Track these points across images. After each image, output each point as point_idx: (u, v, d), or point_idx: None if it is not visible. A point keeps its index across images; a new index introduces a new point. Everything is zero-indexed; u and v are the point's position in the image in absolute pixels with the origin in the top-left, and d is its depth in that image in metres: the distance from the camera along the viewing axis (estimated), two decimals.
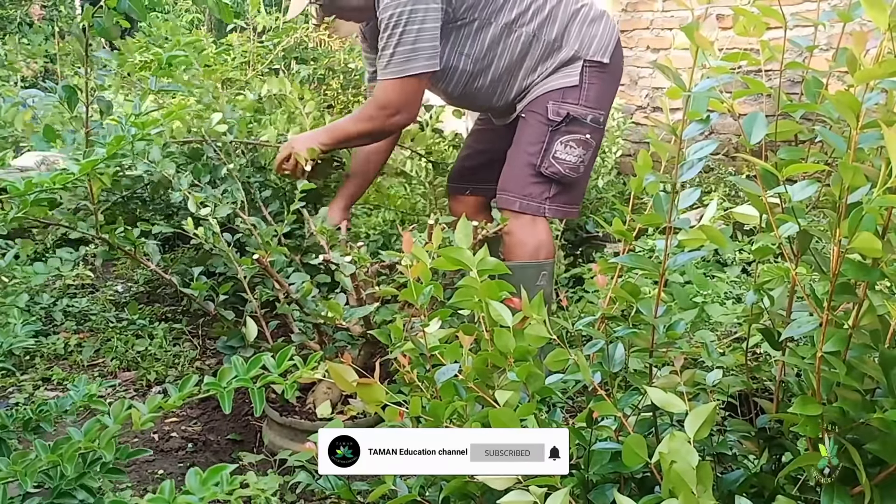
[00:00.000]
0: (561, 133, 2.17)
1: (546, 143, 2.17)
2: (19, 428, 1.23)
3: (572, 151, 2.18)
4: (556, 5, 2.19)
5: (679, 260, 1.13)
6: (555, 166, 2.17)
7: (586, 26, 2.22)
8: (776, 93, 1.09)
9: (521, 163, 2.20)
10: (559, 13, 2.19)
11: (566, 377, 1.13)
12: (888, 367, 0.94)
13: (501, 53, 2.19)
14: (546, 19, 2.18)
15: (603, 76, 2.22)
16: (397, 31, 2.04)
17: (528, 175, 2.18)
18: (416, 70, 2.08)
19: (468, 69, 2.20)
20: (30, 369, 2.33)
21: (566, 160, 2.18)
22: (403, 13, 2.02)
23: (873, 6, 0.86)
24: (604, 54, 2.21)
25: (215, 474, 1.00)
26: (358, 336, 1.88)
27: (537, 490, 0.93)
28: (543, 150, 2.17)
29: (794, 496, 1.04)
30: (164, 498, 0.97)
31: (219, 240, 1.93)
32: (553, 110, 2.17)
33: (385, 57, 2.09)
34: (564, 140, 2.17)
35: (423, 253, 1.16)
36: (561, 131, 2.17)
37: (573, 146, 2.18)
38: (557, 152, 2.17)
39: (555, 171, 2.17)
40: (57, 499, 1.13)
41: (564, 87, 2.19)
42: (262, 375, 1.11)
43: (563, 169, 2.17)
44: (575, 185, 2.25)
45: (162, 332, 2.52)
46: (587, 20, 2.22)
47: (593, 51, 2.20)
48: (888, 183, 0.84)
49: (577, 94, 2.19)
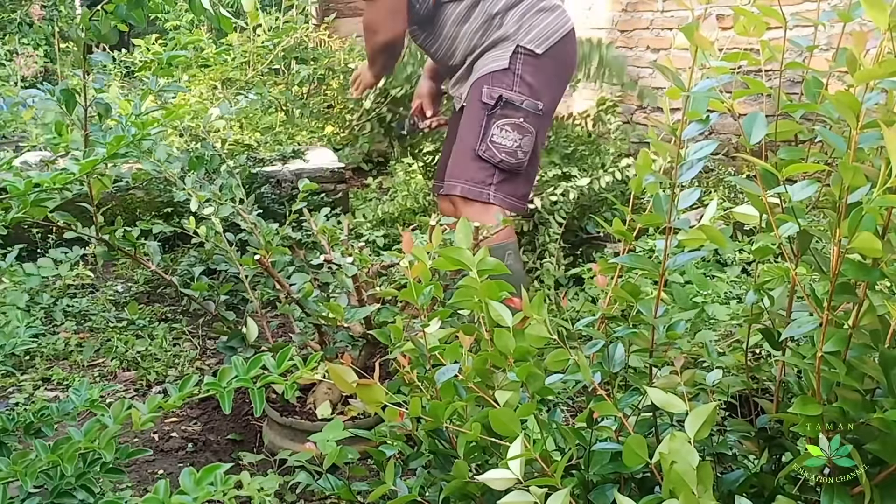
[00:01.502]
0: (497, 117, 2.23)
1: (483, 126, 2.23)
2: (20, 431, 1.23)
3: (507, 135, 2.22)
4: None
5: (679, 260, 1.13)
6: (491, 150, 2.21)
7: (532, 13, 2.27)
8: (776, 93, 1.09)
9: (462, 148, 2.26)
10: None
11: (566, 377, 1.13)
12: (888, 367, 0.94)
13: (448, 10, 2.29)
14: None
15: (537, 65, 2.26)
16: None
17: (469, 160, 2.23)
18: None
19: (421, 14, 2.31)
20: (30, 369, 2.33)
21: (502, 144, 2.22)
22: None
23: (873, 6, 0.86)
24: (539, 45, 2.26)
25: (209, 474, 1.00)
26: (359, 336, 1.88)
27: (537, 490, 0.93)
28: (482, 134, 2.23)
29: (794, 496, 1.04)
30: (159, 498, 0.97)
31: (221, 239, 1.93)
32: (486, 93, 2.23)
33: None
34: (500, 124, 2.22)
35: (423, 253, 1.16)
36: (497, 115, 2.22)
37: (508, 130, 2.22)
38: (494, 136, 2.22)
39: (491, 154, 2.21)
40: (57, 499, 1.13)
41: (495, 70, 2.25)
42: (262, 375, 1.11)
43: (499, 153, 2.21)
44: (518, 174, 2.28)
45: (162, 332, 2.52)
46: (534, 8, 2.28)
47: (529, 39, 2.25)
48: (888, 183, 0.84)
49: (509, 80, 2.24)
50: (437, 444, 1.19)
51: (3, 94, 4.71)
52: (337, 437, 1.34)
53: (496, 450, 1.10)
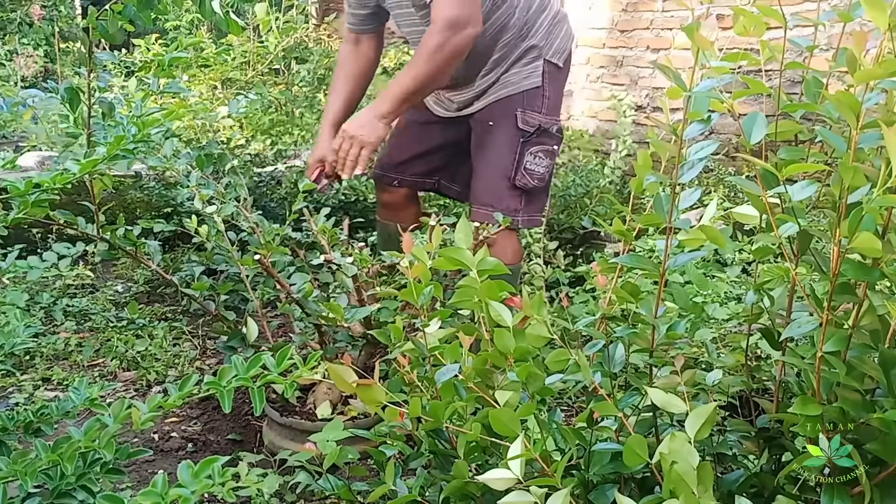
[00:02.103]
0: (531, 144, 2.15)
1: (518, 154, 2.15)
2: (20, 430, 1.23)
3: (541, 162, 2.17)
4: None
5: (679, 260, 1.13)
6: (526, 178, 2.15)
7: (554, 24, 2.20)
8: (776, 93, 1.09)
9: (496, 175, 2.17)
10: (532, 2, 2.16)
11: (566, 377, 1.13)
12: (888, 367, 0.94)
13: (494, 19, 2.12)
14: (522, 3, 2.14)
15: (558, 81, 2.21)
16: None
17: (504, 188, 2.16)
18: None
19: None
20: (30, 369, 2.33)
21: (535, 171, 2.17)
22: None
23: (873, 6, 0.86)
24: (560, 58, 2.21)
25: (207, 466, 1.00)
26: (359, 336, 1.88)
27: (538, 490, 0.93)
28: (516, 162, 2.15)
29: (794, 496, 1.04)
30: (157, 492, 0.97)
31: (222, 238, 1.93)
32: (522, 119, 2.15)
33: None
34: (534, 151, 2.16)
35: (423, 253, 1.16)
36: (532, 142, 2.15)
37: (542, 157, 2.17)
38: (528, 164, 2.15)
39: (525, 182, 2.15)
40: (57, 499, 1.13)
41: (527, 89, 2.16)
42: (262, 375, 1.11)
43: (533, 180, 2.16)
44: (541, 193, 2.25)
45: (162, 332, 2.52)
46: (556, 18, 2.21)
47: (553, 51, 2.19)
48: (888, 183, 0.84)
49: (540, 102, 2.17)
50: (438, 444, 1.19)
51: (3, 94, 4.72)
52: (337, 437, 1.34)
53: (496, 450, 1.10)
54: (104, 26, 1.30)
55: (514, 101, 2.16)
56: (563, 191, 3.22)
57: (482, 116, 2.22)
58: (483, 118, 2.22)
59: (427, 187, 2.50)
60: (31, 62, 6.61)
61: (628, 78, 4.41)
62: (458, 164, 2.43)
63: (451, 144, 2.37)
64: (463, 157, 2.38)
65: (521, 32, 2.16)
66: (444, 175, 2.44)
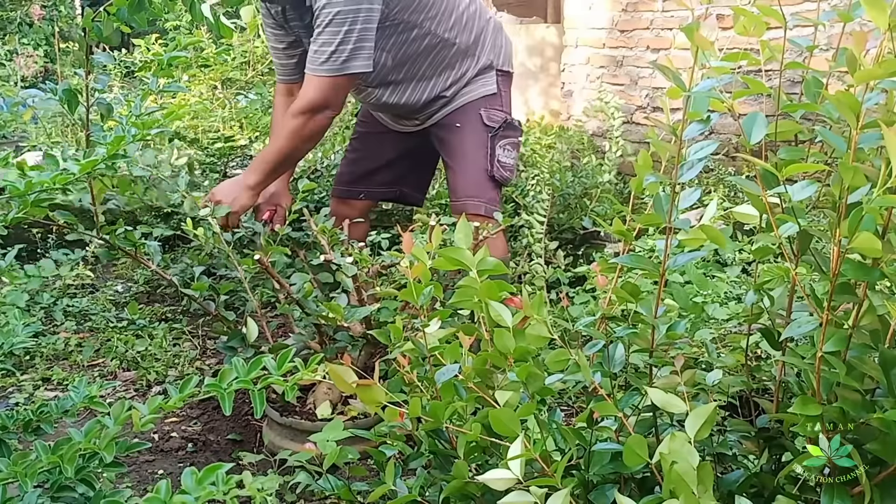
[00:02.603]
0: (499, 137, 2.30)
1: (490, 148, 2.29)
2: (20, 429, 1.23)
3: (510, 154, 2.33)
4: (472, 14, 2.29)
5: (679, 260, 1.13)
6: (501, 170, 2.31)
7: (496, 36, 2.36)
8: (776, 93, 1.09)
9: (476, 169, 2.30)
10: (475, 22, 2.30)
11: (566, 377, 1.13)
12: (888, 367, 0.94)
13: (420, 53, 2.23)
14: (463, 27, 2.27)
15: (508, 84, 2.39)
16: (343, 27, 2.01)
17: (485, 181, 2.30)
18: (356, 69, 2.07)
19: (388, 64, 2.21)
20: (30, 369, 2.33)
21: (507, 163, 2.32)
22: (352, 11, 2.00)
23: (873, 6, 0.86)
24: (509, 64, 2.39)
25: (211, 473, 1.00)
26: (359, 336, 1.88)
27: (538, 491, 0.93)
28: (490, 156, 2.29)
29: (794, 496, 1.04)
30: (160, 498, 0.97)
31: (219, 240, 1.93)
32: (487, 116, 2.30)
33: (324, 53, 2.03)
34: (503, 144, 2.31)
35: (422, 253, 1.16)
36: (499, 136, 2.30)
37: (510, 149, 2.33)
38: (500, 156, 2.30)
39: (501, 175, 2.31)
40: (57, 492, 1.13)
41: (485, 94, 2.32)
42: (263, 377, 1.11)
43: (506, 171, 2.31)
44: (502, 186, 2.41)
45: (162, 332, 2.52)
46: (496, 30, 2.37)
47: (502, 60, 2.36)
48: (888, 183, 0.84)
49: (499, 102, 2.34)
50: (437, 444, 1.19)
51: (3, 94, 4.72)
52: (337, 437, 1.34)
53: (496, 450, 1.10)
54: (99, 28, 1.29)
55: (476, 104, 2.32)
56: (563, 191, 3.22)
57: (447, 121, 2.35)
58: (448, 122, 2.35)
59: (389, 196, 2.60)
60: (31, 62, 6.61)
61: (628, 78, 4.41)
62: (420, 172, 2.58)
63: (412, 152, 2.48)
64: (423, 166, 2.56)
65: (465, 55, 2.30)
66: (405, 184, 2.55)
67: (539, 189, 2.95)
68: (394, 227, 2.90)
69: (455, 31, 2.25)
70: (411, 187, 2.57)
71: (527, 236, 2.80)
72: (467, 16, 2.28)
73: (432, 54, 2.25)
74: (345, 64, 2.04)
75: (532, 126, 4.30)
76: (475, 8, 2.32)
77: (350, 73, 2.06)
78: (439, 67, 2.28)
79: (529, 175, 3.09)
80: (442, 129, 2.35)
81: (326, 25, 2.02)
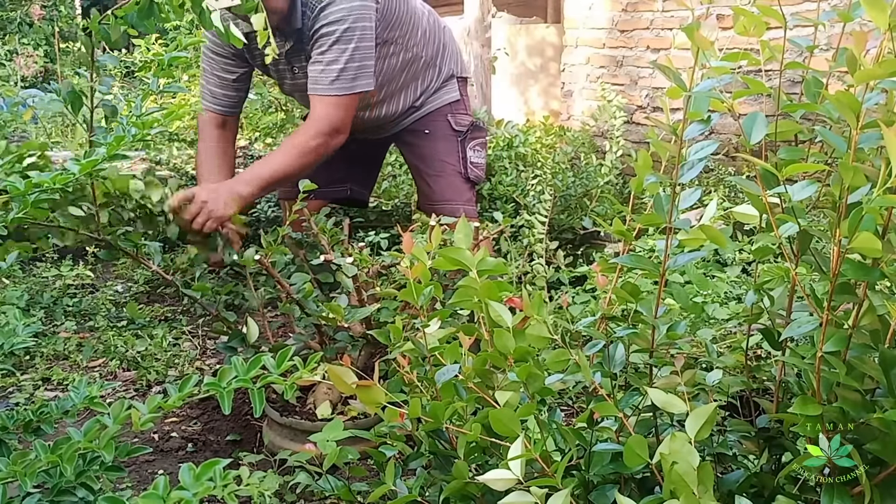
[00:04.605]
0: (468, 140, 2.42)
1: (461, 151, 2.41)
2: (20, 429, 1.23)
3: (479, 154, 2.44)
4: (432, 25, 2.37)
5: (679, 260, 1.13)
6: (474, 171, 2.42)
7: (452, 45, 2.47)
8: (776, 93, 1.09)
9: (451, 172, 2.40)
10: (435, 33, 2.39)
11: (566, 377, 1.13)
12: (888, 367, 0.94)
13: (397, 70, 2.29)
14: (428, 40, 2.35)
15: (466, 88, 2.51)
16: (349, 45, 2.01)
17: (461, 182, 2.41)
18: (363, 87, 2.09)
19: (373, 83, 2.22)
20: (30, 369, 2.33)
21: (478, 163, 2.44)
22: (356, 29, 2.01)
23: (873, 6, 0.86)
24: (465, 70, 2.51)
25: (208, 469, 0.99)
26: (359, 336, 1.88)
27: (538, 491, 0.93)
28: (462, 158, 2.41)
29: (794, 496, 1.04)
30: (158, 494, 0.97)
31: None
32: (455, 122, 2.41)
33: (332, 72, 2.02)
34: (472, 145, 2.43)
35: (422, 253, 1.16)
36: (468, 138, 2.42)
37: (479, 149, 2.45)
38: (471, 157, 2.42)
39: (475, 175, 2.42)
40: (57, 496, 1.13)
41: (450, 101, 2.42)
42: (262, 376, 1.11)
43: (478, 170, 2.43)
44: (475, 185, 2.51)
45: (162, 332, 2.52)
46: (451, 38, 2.48)
47: (460, 68, 2.48)
48: (888, 183, 0.84)
49: (463, 106, 2.46)
50: (437, 444, 1.19)
51: (3, 94, 4.71)
52: (337, 437, 1.33)
53: (496, 450, 1.09)
54: (106, 31, 1.29)
55: (442, 111, 2.42)
56: (563, 191, 3.21)
57: (415, 127, 2.43)
58: (416, 128, 2.43)
59: (340, 195, 2.62)
60: (31, 62, 6.61)
61: (628, 78, 4.41)
62: (370, 173, 2.68)
63: (368, 153, 2.56)
64: (374, 167, 2.67)
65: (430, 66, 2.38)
66: (355, 182, 2.60)
67: (541, 189, 2.95)
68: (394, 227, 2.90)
69: (422, 45, 2.32)
70: (359, 186, 2.63)
71: (528, 236, 2.80)
72: (429, 28, 2.35)
73: (406, 69, 2.30)
74: (353, 82, 2.06)
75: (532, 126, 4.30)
76: (434, 18, 2.39)
77: (358, 91, 2.08)
78: (411, 81, 2.35)
79: (530, 175, 3.09)
80: (410, 134, 2.43)
81: (333, 43, 2.01)
